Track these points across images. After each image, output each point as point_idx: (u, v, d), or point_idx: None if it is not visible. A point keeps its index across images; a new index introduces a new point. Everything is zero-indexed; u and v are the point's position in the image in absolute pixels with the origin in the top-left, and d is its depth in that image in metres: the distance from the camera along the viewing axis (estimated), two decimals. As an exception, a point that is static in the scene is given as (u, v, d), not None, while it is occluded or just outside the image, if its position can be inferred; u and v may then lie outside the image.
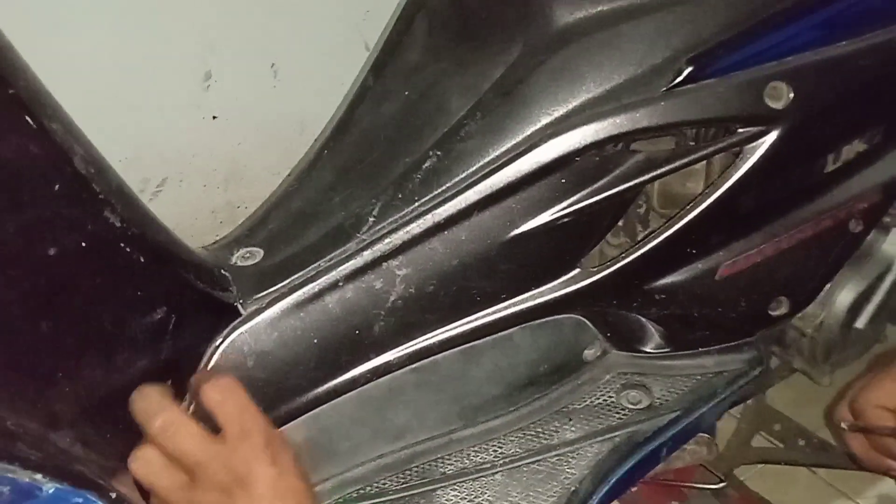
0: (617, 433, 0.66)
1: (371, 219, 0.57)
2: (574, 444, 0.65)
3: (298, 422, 0.58)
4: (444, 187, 0.57)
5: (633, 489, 1.00)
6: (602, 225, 0.63)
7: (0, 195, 0.41)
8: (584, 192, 0.59)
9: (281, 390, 0.56)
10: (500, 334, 0.63)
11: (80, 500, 0.43)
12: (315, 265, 0.56)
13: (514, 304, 0.62)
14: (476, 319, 0.62)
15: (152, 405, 0.47)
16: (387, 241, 0.57)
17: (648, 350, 0.72)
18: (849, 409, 0.64)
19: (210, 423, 0.47)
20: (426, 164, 0.58)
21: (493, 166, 0.57)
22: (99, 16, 0.72)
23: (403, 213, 0.57)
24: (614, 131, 0.56)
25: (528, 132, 0.57)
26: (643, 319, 0.70)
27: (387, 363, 0.60)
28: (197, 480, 0.46)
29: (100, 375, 0.47)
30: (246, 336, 0.55)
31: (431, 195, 0.57)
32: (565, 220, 0.59)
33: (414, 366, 0.61)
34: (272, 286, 0.55)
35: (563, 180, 0.58)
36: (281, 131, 0.87)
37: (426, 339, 0.61)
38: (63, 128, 0.44)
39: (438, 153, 0.59)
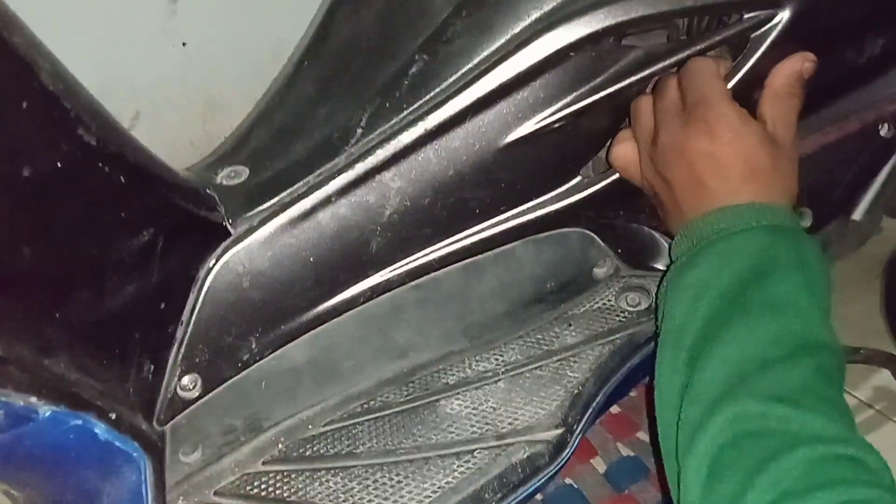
0: (617, 335, 0.64)
1: (359, 130, 0.53)
2: (575, 348, 0.63)
3: (299, 341, 0.55)
4: (433, 92, 0.53)
5: (633, 394, 1.00)
6: (602, 128, 0.59)
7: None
8: (580, 91, 0.54)
9: (279, 310, 0.54)
10: (502, 249, 0.60)
11: (80, 423, 0.41)
12: (304, 181, 0.52)
13: (515, 216, 0.59)
14: (475, 233, 0.58)
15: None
16: (378, 152, 0.53)
17: (661, 267, 0.68)
18: None
19: None
20: (413, 70, 0.54)
21: (482, 67, 0.52)
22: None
23: (393, 122, 0.53)
24: (611, 22, 0.51)
25: (518, 28, 0.52)
26: (655, 234, 0.67)
27: (386, 280, 0.57)
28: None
29: (89, 300, 0.44)
30: (240, 256, 0.51)
31: (421, 101, 0.53)
32: (562, 123, 0.55)
33: (414, 283, 0.58)
34: (261, 204, 0.52)
35: (558, 79, 0.54)
36: (254, 56, 0.81)
37: (425, 255, 0.57)
38: (25, 42, 0.40)
39: (425, 57, 0.54)
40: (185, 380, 0.51)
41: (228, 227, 0.51)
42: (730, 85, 0.56)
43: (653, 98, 0.56)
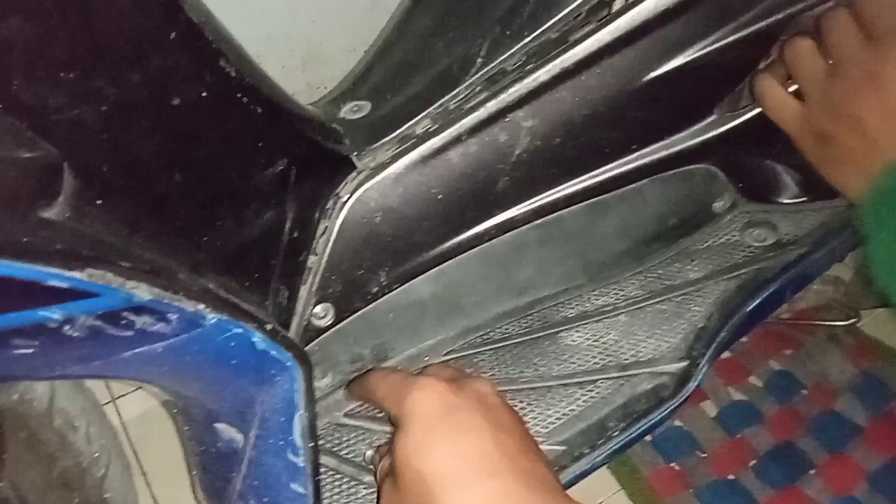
0: (743, 270, 0.61)
1: (479, 59, 0.50)
2: (698, 283, 0.60)
3: (425, 277, 0.55)
4: (554, 19, 0.49)
5: (744, 339, 0.96)
6: (745, 65, 0.54)
7: (123, 47, 0.37)
8: (729, 27, 0.50)
9: (408, 246, 0.53)
10: (628, 187, 0.57)
11: (240, 331, 0.41)
12: (425, 112, 0.51)
13: (646, 155, 0.56)
14: (604, 172, 0.56)
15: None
16: (511, 90, 0.50)
17: (782, 200, 0.64)
18: None
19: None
20: None
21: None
22: None
23: (513, 50, 0.50)
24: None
25: None
26: (778, 167, 0.63)
27: (511, 219, 0.55)
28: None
29: (232, 225, 0.45)
30: (372, 192, 0.51)
31: (542, 28, 0.49)
32: (705, 60, 0.51)
33: (538, 221, 0.56)
34: (384, 137, 0.51)
35: (705, 15, 0.50)
36: (354, 8, 0.79)
37: (552, 194, 0.55)
38: (169, -27, 0.39)
39: None
40: (318, 308, 0.52)
41: (354, 159, 0.50)
42: None
43: (823, 36, 0.50)
